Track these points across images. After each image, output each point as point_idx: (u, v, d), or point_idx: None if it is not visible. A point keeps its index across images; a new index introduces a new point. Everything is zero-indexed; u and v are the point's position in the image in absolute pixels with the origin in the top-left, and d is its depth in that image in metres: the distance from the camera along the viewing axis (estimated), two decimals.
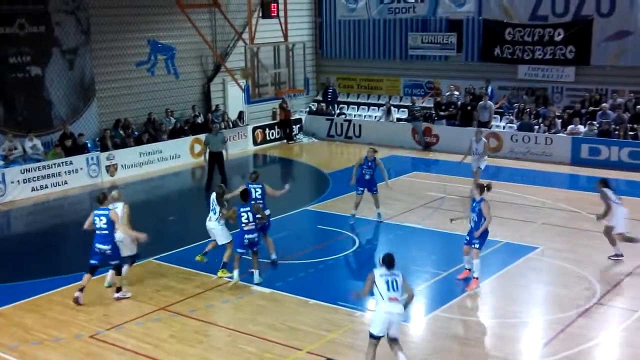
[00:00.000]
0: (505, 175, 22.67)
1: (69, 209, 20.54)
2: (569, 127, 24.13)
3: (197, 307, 12.63)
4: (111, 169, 22.79)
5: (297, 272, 14.36)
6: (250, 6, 23.89)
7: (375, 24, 30.02)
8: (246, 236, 13.52)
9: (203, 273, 14.16)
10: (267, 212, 14.53)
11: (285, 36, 25.19)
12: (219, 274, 13.93)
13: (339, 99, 30.63)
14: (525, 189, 20.48)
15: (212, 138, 20.91)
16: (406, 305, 9.99)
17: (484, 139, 19.80)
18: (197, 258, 14.39)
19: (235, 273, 13.56)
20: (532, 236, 16.22)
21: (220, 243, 14.13)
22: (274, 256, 14.58)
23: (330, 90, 30.15)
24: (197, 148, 25.09)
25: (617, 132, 23.25)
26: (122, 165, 23.04)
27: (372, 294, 9.98)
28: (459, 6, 27.60)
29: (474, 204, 13.43)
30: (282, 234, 16.32)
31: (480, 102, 25.84)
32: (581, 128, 23.87)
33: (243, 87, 23.93)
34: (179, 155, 24.67)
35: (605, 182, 14.83)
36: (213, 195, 14.14)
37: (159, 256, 15.22)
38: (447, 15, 28.07)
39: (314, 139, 28.78)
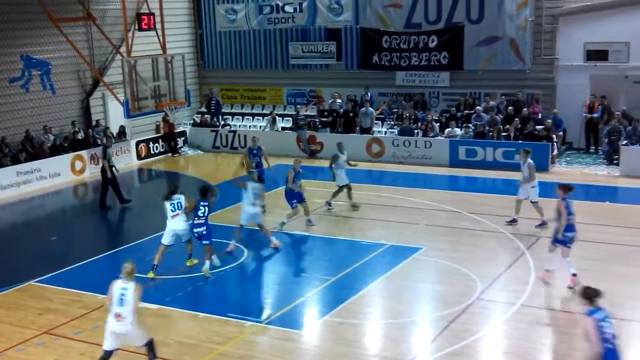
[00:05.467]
0: (388, 179, 23.25)
1: None
2: (446, 131, 25.02)
3: (82, 328, 12.28)
4: None
5: (185, 286, 14.22)
6: (125, 19, 23.49)
7: (255, 34, 30.16)
8: (195, 229, 14.59)
9: (88, 293, 13.79)
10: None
11: (164, 48, 24.91)
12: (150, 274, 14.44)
13: (223, 110, 30.53)
14: (408, 191, 21.04)
15: (110, 151, 20.93)
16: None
17: (530, 160, 17.06)
18: (188, 263, 15.09)
19: (207, 263, 14.55)
20: (416, 237, 16.68)
21: (185, 240, 15.00)
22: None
23: (214, 102, 30.00)
24: (79, 165, 24.43)
25: (491, 134, 24.28)
26: None
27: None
28: (336, 15, 28.10)
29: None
30: (170, 249, 16.10)
31: (362, 109, 26.41)
32: (458, 131, 24.79)
33: (122, 101, 23.49)
34: (59, 174, 23.87)
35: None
36: (180, 197, 14.86)
37: (41, 278, 14.70)
38: (325, 24, 28.52)
39: (199, 150, 28.56)
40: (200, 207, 14.57)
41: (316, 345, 11.72)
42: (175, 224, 14.70)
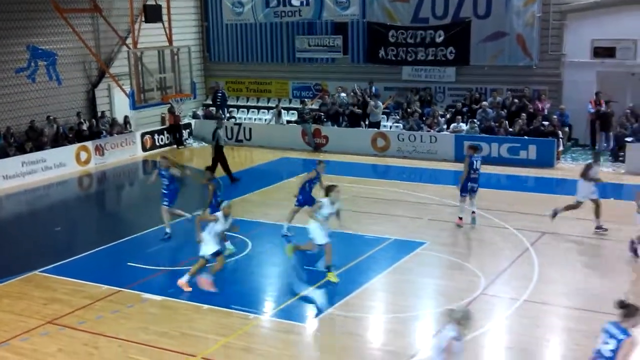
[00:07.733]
0: (393, 173, 23.23)
1: None
2: (452, 126, 24.98)
3: (86, 318, 12.31)
4: None
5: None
6: (132, 10, 23.49)
7: (262, 27, 30.15)
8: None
9: (92, 284, 13.83)
10: None
11: (170, 40, 24.91)
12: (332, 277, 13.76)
13: (228, 103, 30.54)
14: (412, 186, 21.04)
15: (221, 132, 21.66)
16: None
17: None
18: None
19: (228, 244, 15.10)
20: (420, 232, 16.67)
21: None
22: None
23: (220, 94, 30.01)
24: (84, 156, 24.48)
25: (496, 129, 24.22)
26: (3, 176, 22.10)
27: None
28: (343, 9, 28.06)
29: None
30: (176, 241, 16.15)
31: (371, 103, 26.37)
32: (463, 126, 24.75)
33: (128, 93, 23.50)
34: (64, 164, 23.93)
35: None
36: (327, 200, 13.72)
37: (45, 268, 14.73)
38: (332, 18, 28.49)
39: (204, 143, 28.56)
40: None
41: (319, 338, 11.72)
42: None
